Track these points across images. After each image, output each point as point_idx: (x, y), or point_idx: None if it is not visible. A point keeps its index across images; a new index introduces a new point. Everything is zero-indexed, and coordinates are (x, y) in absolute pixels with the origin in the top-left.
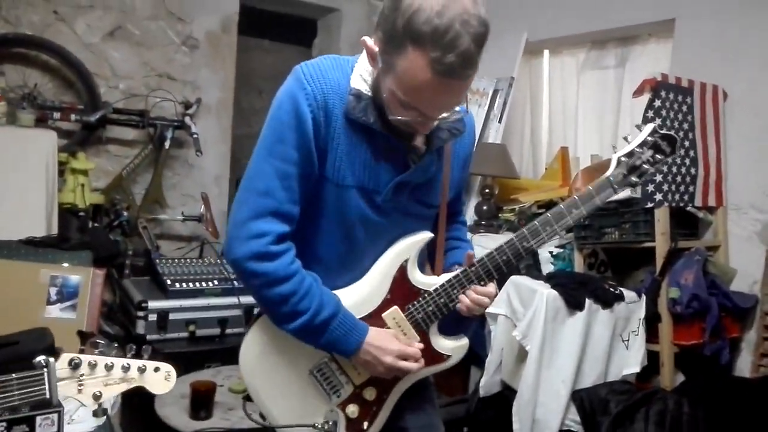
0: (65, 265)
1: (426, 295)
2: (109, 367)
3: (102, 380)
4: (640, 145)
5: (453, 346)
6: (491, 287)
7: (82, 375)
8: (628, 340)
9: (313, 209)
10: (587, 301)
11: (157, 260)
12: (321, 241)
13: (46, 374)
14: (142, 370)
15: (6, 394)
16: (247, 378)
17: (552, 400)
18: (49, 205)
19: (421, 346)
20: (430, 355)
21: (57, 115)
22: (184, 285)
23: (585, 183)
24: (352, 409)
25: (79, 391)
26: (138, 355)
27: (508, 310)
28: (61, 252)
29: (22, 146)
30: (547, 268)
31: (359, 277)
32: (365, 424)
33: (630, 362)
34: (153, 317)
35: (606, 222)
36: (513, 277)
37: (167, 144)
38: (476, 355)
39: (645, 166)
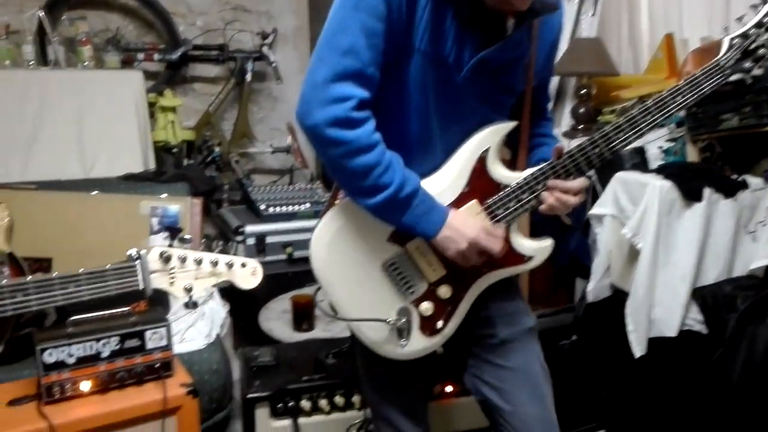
0: (164, 195)
1: (507, 189)
2: (198, 262)
3: (192, 274)
4: (757, 26)
5: (535, 247)
6: (578, 181)
7: (173, 268)
8: (755, 232)
9: (388, 81)
10: (706, 191)
11: (250, 188)
12: (393, 119)
13: (138, 265)
14: (229, 266)
15: (102, 284)
16: (318, 270)
17: (670, 298)
18: (144, 143)
19: (503, 233)
20: (510, 254)
21: (141, 56)
22: (278, 209)
23: (696, 66)
24: (426, 307)
25: (171, 283)
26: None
27: (615, 209)
28: (159, 185)
29: (111, 88)
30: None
31: (431, 173)
32: (440, 323)
33: (758, 255)
34: (251, 241)
35: (723, 107)
36: (619, 174)
37: (248, 77)
38: (582, 266)
39: (763, 50)
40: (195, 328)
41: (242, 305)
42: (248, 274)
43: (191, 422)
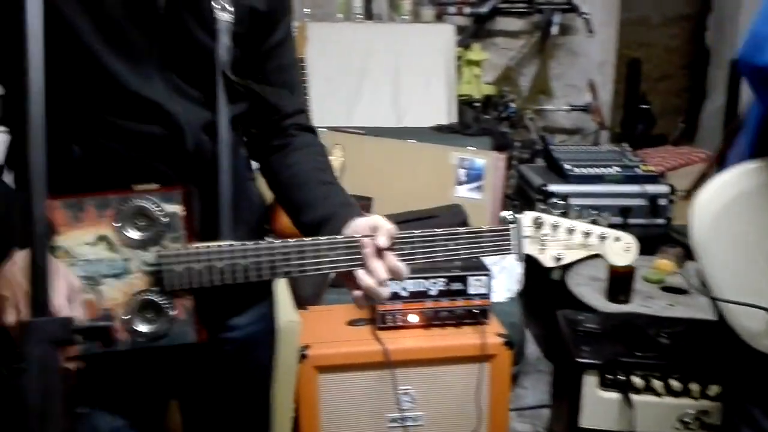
0: (471, 148)
1: None
2: (570, 231)
3: (562, 243)
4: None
5: None
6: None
7: (545, 235)
8: None
9: None
10: None
11: (552, 146)
12: None
13: (513, 229)
14: (602, 238)
15: (477, 245)
16: (698, 240)
17: None
18: (449, 96)
19: None
20: None
21: (452, 9)
22: (584, 170)
23: None
24: None
25: (541, 251)
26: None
27: None
28: (464, 138)
29: (425, 41)
30: None
31: None
32: None
33: None
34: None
35: None
36: None
37: (553, 30)
38: None
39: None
40: (497, 282)
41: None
42: (621, 250)
43: (503, 372)
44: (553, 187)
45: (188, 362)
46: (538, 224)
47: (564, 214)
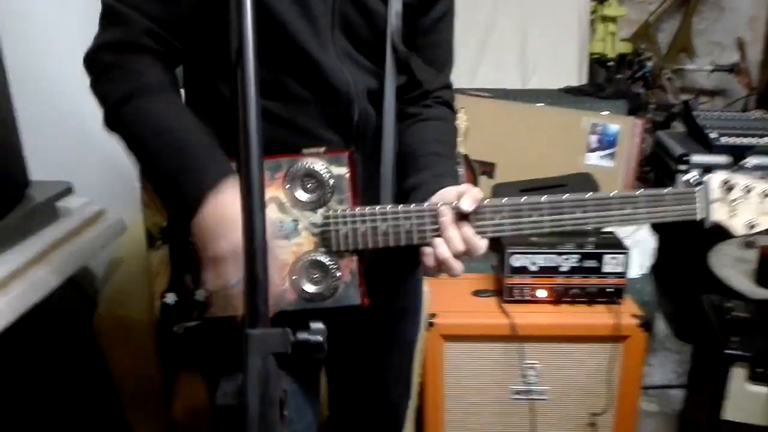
0: (605, 113)
1: None
2: (765, 195)
3: (756, 208)
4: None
5: None
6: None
7: (735, 199)
8: None
9: None
10: None
11: (696, 111)
12: None
13: (700, 192)
14: None
15: (659, 209)
16: None
17: None
18: (581, 54)
19: None
20: None
21: None
22: (731, 139)
23: None
24: None
25: (731, 216)
26: None
27: None
28: (598, 101)
29: None
30: None
31: None
32: None
33: None
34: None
35: None
36: None
37: None
38: None
39: None
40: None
41: (676, 240)
42: None
43: (636, 354)
44: (696, 158)
45: (344, 327)
46: (728, 188)
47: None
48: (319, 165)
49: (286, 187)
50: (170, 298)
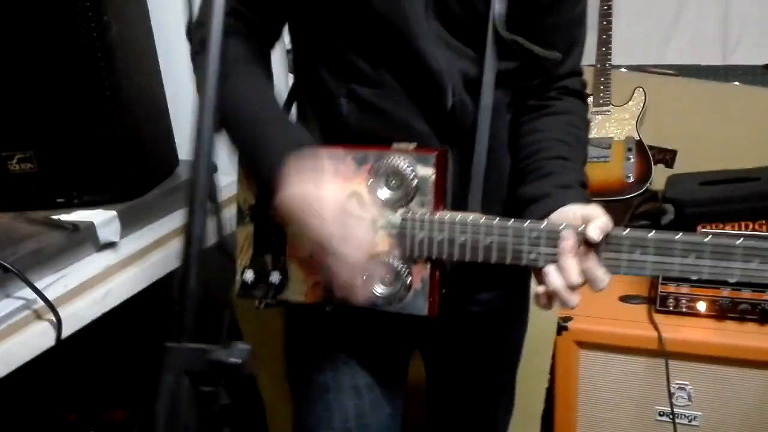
0: None
1: None
2: None
3: None
4: None
5: None
6: None
7: None
8: None
9: None
10: None
11: None
12: None
13: None
14: None
15: None
16: None
17: None
18: None
19: None
20: None
21: None
22: None
23: None
24: None
25: None
26: None
27: None
28: None
29: None
30: None
31: None
32: None
33: None
34: None
35: None
36: None
37: None
38: None
39: None
40: None
41: None
42: None
43: None
44: None
45: (442, 324)
46: None
47: None
48: (404, 163)
49: (369, 182)
50: (249, 275)
